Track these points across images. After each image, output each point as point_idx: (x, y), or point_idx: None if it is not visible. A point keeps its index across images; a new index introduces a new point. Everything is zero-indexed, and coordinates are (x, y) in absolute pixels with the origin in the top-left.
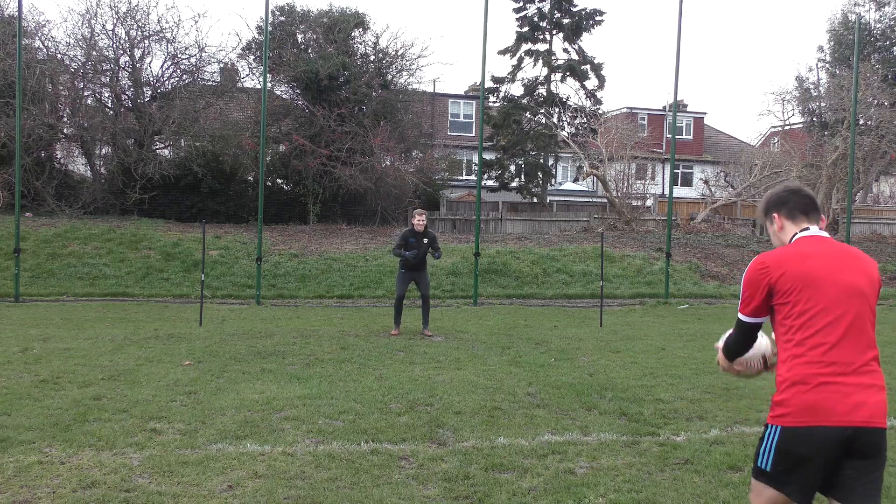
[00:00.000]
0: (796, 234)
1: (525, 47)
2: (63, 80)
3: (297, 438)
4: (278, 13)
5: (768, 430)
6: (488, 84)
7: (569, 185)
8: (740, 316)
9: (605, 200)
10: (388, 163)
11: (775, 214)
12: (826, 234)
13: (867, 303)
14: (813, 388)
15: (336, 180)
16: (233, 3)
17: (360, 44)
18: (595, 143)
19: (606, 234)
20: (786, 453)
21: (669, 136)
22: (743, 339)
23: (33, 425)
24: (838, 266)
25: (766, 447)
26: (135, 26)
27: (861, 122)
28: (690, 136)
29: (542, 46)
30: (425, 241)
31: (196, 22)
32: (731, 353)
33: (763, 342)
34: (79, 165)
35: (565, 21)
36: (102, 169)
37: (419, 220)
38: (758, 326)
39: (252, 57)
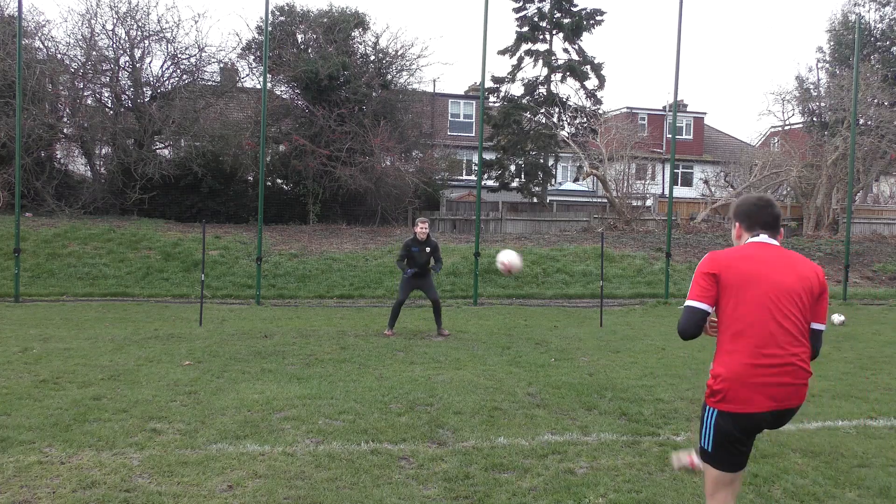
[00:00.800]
0: (749, 238)
1: (525, 47)
2: (63, 80)
3: (297, 438)
4: (278, 13)
5: (706, 412)
6: (488, 84)
7: (569, 185)
8: (688, 302)
9: (605, 200)
10: (388, 163)
11: (737, 223)
12: (775, 242)
13: (799, 302)
14: (743, 379)
15: (336, 180)
16: (233, 3)
17: (360, 44)
18: (595, 143)
19: (606, 234)
20: (722, 433)
21: (669, 136)
22: (689, 322)
23: (33, 425)
24: (775, 268)
25: (706, 428)
26: (135, 26)
27: (861, 122)
28: (690, 136)
29: (542, 46)
30: (427, 249)
31: (196, 22)
32: (681, 335)
33: None
34: (79, 165)
35: (565, 21)
36: (102, 169)
37: (422, 228)
38: (705, 314)
39: (252, 57)
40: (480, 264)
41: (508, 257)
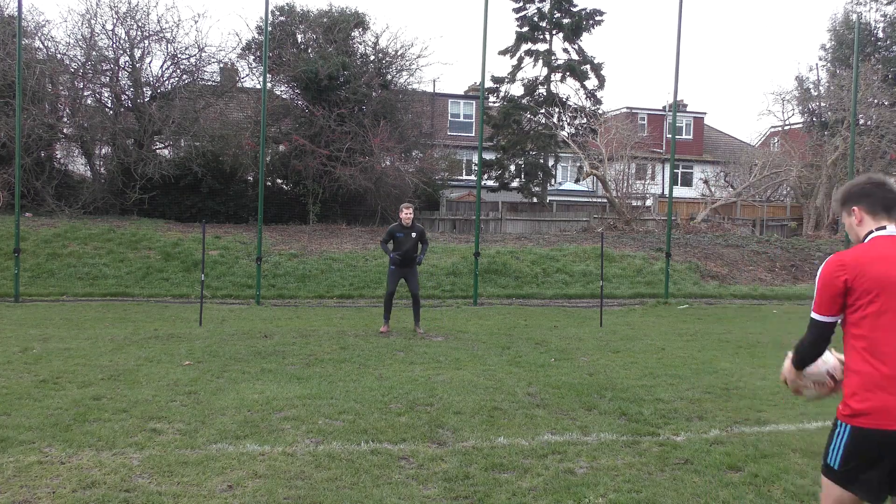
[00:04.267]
0: (872, 231)
1: (525, 47)
2: (63, 80)
3: (297, 438)
4: (278, 13)
5: (838, 429)
6: (488, 84)
7: (569, 185)
8: (814, 315)
9: (605, 200)
10: (388, 163)
11: (855, 207)
12: None
13: None
14: (885, 391)
15: (336, 180)
16: (233, 3)
17: (360, 44)
18: (595, 143)
19: (606, 234)
20: (855, 453)
21: (669, 136)
22: (816, 339)
23: (33, 425)
24: None
25: (835, 445)
26: (135, 26)
27: (861, 122)
28: (690, 136)
29: (542, 46)
30: (413, 235)
31: (196, 22)
32: (801, 358)
33: (830, 359)
34: (79, 165)
35: (565, 21)
36: (102, 169)
37: (406, 213)
38: (832, 326)
39: (252, 57)
40: (481, 264)
41: None
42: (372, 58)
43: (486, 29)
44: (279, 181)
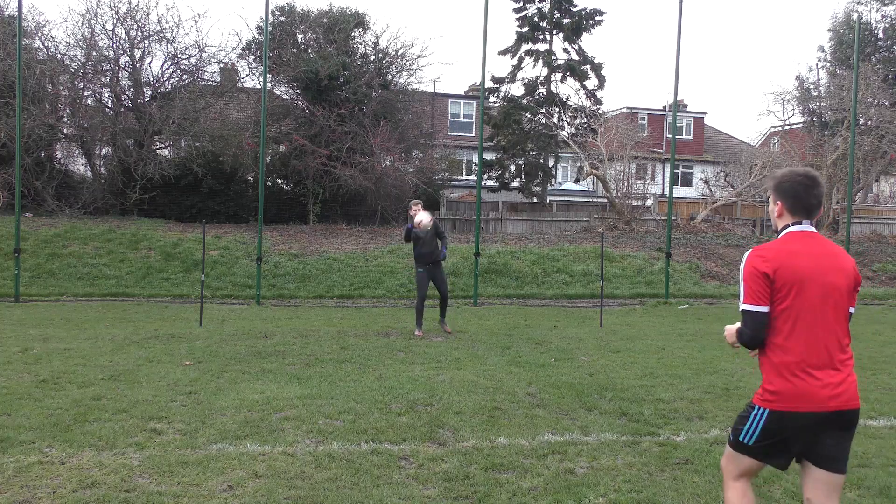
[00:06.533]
0: (789, 225)
1: (525, 47)
2: (63, 80)
3: (297, 438)
4: (278, 13)
5: (755, 411)
6: (488, 84)
7: (569, 185)
8: (746, 307)
9: (605, 200)
10: (388, 163)
11: (780, 203)
12: (814, 230)
13: (844, 302)
14: (797, 377)
15: (336, 180)
16: (233, 3)
17: (360, 44)
18: (595, 143)
19: (606, 234)
20: (771, 432)
21: (669, 136)
22: (754, 330)
23: (33, 425)
24: (823, 267)
25: (751, 425)
26: (135, 26)
27: (861, 122)
28: (690, 136)
29: (542, 46)
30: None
31: (196, 22)
32: (746, 345)
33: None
34: (79, 165)
35: (565, 21)
36: (102, 169)
37: (416, 209)
38: (765, 315)
39: (252, 57)
40: (481, 264)
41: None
42: (372, 58)
43: (486, 29)
44: (279, 181)
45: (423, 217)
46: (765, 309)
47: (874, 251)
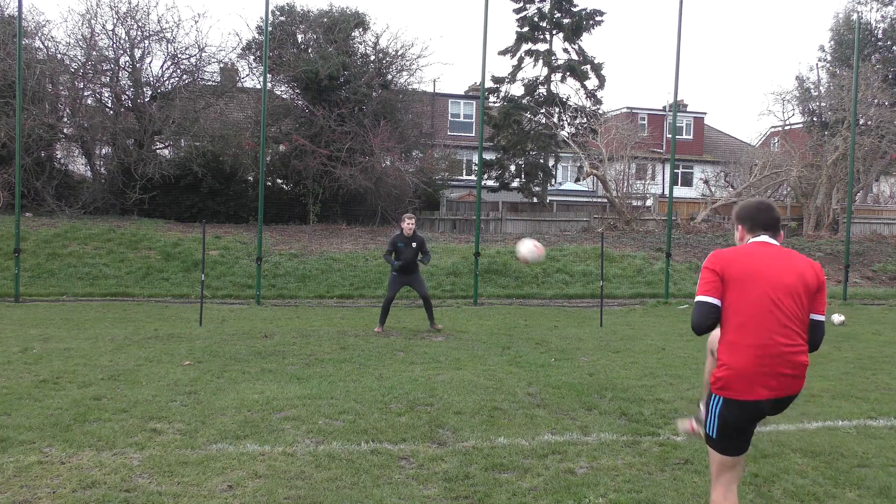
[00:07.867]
0: (750, 239)
1: (525, 47)
2: (63, 80)
3: (297, 438)
4: (278, 13)
5: (713, 399)
6: (488, 84)
7: (569, 185)
8: (697, 298)
9: (605, 200)
10: (388, 163)
11: (740, 226)
12: (775, 242)
13: (797, 298)
14: (745, 369)
15: (336, 180)
16: (233, 3)
17: (360, 44)
18: (595, 143)
19: (606, 234)
20: (726, 418)
21: (669, 136)
22: (699, 316)
23: (33, 425)
24: (775, 265)
25: (711, 414)
26: (135, 26)
27: (861, 122)
28: (690, 136)
29: (542, 46)
30: (413, 245)
31: (196, 22)
32: (693, 329)
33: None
34: (79, 165)
35: (565, 21)
36: (102, 169)
37: (409, 223)
38: (713, 307)
39: (252, 57)
40: (481, 264)
41: (526, 250)
42: (372, 58)
43: (486, 29)
44: (279, 181)
45: (527, 252)
46: (712, 300)
47: (874, 251)
